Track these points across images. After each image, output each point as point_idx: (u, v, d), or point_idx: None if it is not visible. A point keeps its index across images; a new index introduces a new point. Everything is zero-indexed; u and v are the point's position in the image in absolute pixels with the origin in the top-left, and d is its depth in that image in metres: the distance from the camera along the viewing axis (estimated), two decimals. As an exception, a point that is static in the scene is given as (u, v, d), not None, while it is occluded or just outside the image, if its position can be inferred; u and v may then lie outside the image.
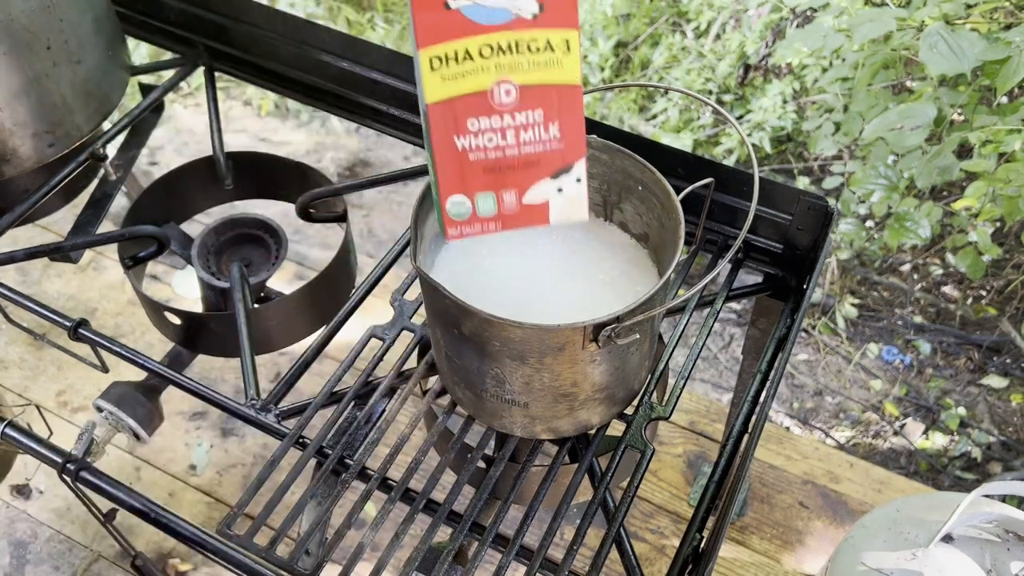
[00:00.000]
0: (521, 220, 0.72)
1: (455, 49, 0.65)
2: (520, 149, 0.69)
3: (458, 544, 0.87)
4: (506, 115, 0.68)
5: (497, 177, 0.70)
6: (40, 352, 1.95)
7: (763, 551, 1.62)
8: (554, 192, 0.72)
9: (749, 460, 0.88)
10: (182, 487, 1.75)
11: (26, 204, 1.24)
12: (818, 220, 1.05)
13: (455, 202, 0.70)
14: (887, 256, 2.43)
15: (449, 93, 0.66)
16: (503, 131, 0.68)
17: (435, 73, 0.66)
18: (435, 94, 0.66)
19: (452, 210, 0.71)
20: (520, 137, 0.69)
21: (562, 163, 0.71)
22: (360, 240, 2.52)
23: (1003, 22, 1.73)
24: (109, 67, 1.25)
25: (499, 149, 0.69)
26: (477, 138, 0.68)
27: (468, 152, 0.68)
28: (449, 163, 0.69)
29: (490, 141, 0.68)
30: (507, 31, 0.65)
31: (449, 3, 0.64)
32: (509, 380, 0.81)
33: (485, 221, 0.72)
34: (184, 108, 2.89)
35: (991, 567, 1.04)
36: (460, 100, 0.67)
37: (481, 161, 0.69)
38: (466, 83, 0.66)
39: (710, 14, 2.80)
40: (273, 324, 1.25)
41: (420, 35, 0.65)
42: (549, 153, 0.70)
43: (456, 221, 0.71)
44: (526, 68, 0.67)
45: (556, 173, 0.71)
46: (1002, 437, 2.06)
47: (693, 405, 1.83)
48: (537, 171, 0.71)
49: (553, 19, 0.66)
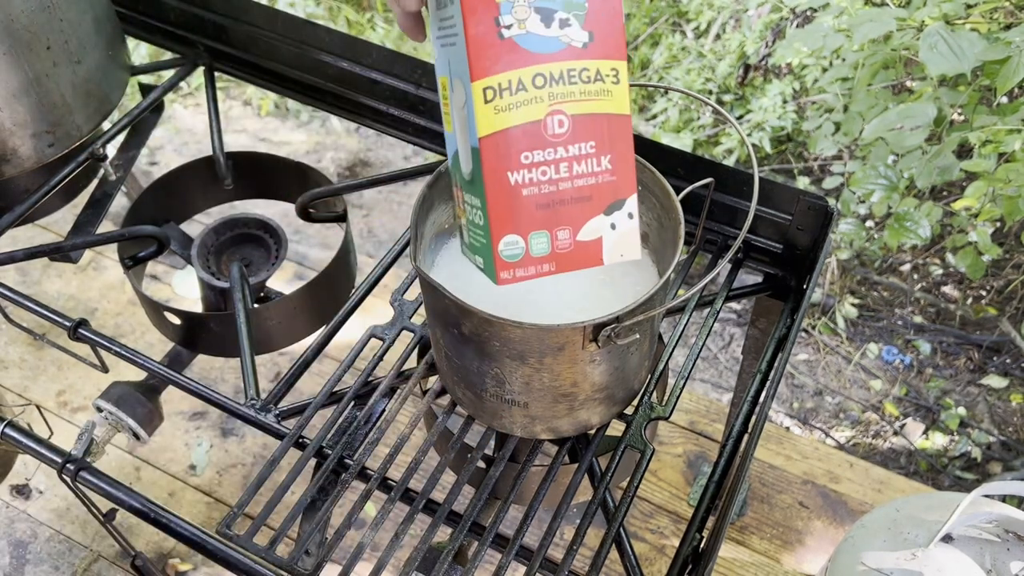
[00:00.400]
0: (576, 260, 0.69)
1: (509, 79, 0.63)
2: (573, 183, 0.67)
3: (458, 544, 0.87)
4: (559, 147, 0.65)
5: (550, 214, 0.67)
6: (40, 352, 1.95)
7: (763, 551, 1.62)
8: (607, 229, 0.69)
9: (749, 460, 0.88)
10: (182, 487, 1.75)
11: (26, 204, 1.24)
12: (818, 220, 1.05)
13: (508, 243, 0.67)
14: (887, 256, 2.43)
15: (501, 125, 0.64)
16: (556, 164, 0.66)
17: (489, 105, 0.63)
18: (488, 126, 0.63)
19: (505, 252, 0.67)
20: (573, 170, 0.66)
21: (614, 197, 0.68)
22: (360, 240, 2.52)
23: (1003, 22, 1.73)
24: (109, 67, 1.25)
25: (552, 183, 0.66)
26: (530, 172, 0.65)
27: (521, 188, 0.65)
28: (502, 200, 0.65)
29: (543, 175, 0.66)
30: (559, 61, 0.64)
31: (503, 33, 0.62)
32: (509, 380, 0.81)
33: (539, 262, 0.68)
34: (184, 108, 2.89)
35: (991, 567, 1.04)
36: (512, 132, 0.64)
37: (534, 197, 0.66)
38: (519, 114, 0.64)
39: (710, 14, 2.80)
40: (273, 324, 1.25)
41: (475, 65, 0.62)
42: (602, 186, 0.68)
43: (509, 263, 0.67)
44: (577, 98, 0.65)
45: (609, 209, 0.68)
46: (1002, 437, 2.06)
47: (693, 405, 1.83)
48: (590, 207, 0.68)
49: (603, 49, 0.65)
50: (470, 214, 0.69)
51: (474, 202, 0.68)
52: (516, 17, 0.62)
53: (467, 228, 0.71)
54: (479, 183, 0.66)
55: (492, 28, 0.62)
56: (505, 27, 0.62)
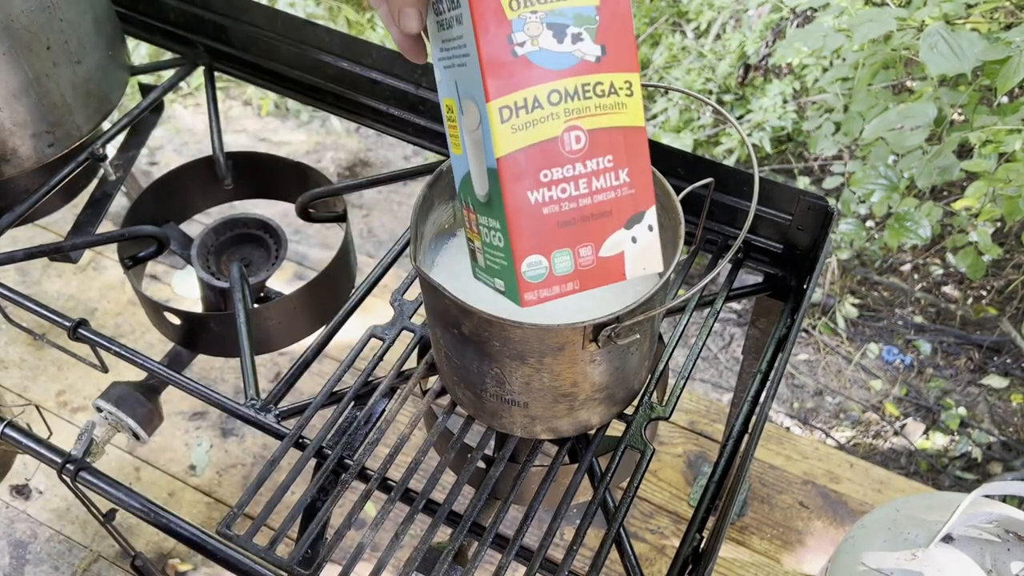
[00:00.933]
0: (599, 276, 0.68)
1: (525, 97, 0.62)
2: (593, 198, 0.66)
3: (458, 544, 0.87)
4: (577, 163, 0.65)
5: (572, 232, 0.66)
6: (40, 352, 1.95)
7: (763, 551, 1.62)
8: (628, 243, 0.69)
9: (749, 460, 0.88)
10: (182, 487, 1.75)
11: (26, 204, 1.24)
12: (818, 220, 1.05)
13: (531, 263, 0.66)
14: (887, 256, 2.43)
15: (519, 144, 0.63)
16: (576, 180, 0.65)
17: (506, 125, 0.62)
18: (506, 146, 0.62)
19: (528, 273, 0.66)
20: (592, 185, 0.66)
21: (634, 210, 0.68)
22: (360, 240, 2.53)
23: (1003, 22, 1.73)
24: (109, 67, 1.25)
25: (572, 200, 0.65)
26: (550, 190, 0.64)
27: (542, 207, 0.64)
28: (524, 221, 0.64)
29: (563, 192, 0.65)
30: (573, 76, 0.63)
31: (516, 51, 0.61)
32: (509, 380, 0.81)
33: (562, 281, 0.67)
34: (184, 108, 2.89)
35: (991, 567, 1.04)
36: (531, 151, 0.63)
37: (555, 215, 0.65)
38: (536, 132, 0.63)
39: (710, 14, 2.80)
40: (273, 324, 1.25)
41: (490, 85, 0.61)
42: (621, 200, 0.67)
43: (532, 284, 0.66)
44: (593, 112, 0.64)
45: (629, 223, 0.68)
46: (1002, 437, 2.06)
47: (693, 405, 1.83)
48: (611, 222, 0.67)
49: (616, 62, 0.64)
50: (486, 236, 0.68)
51: (492, 224, 0.67)
52: (528, 34, 0.61)
53: (483, 251, 0.70)
54: (498, 204, 0.65)
55: (505, 47, 0.61)
56: (518, 44, 0.61)
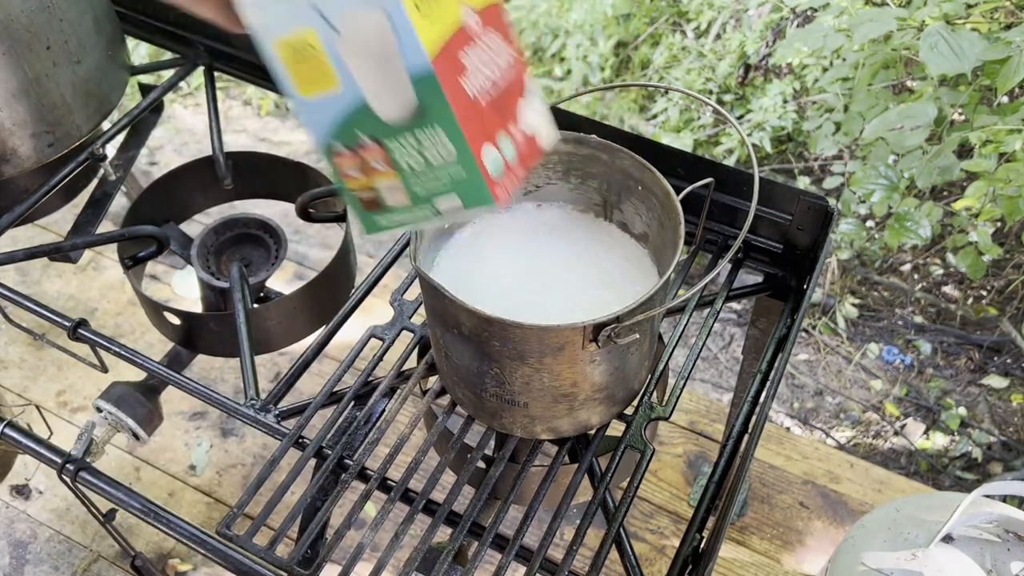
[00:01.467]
0: (532, 154, 0.68)
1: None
2: (502, 75, 0.66)
3: (458, 544, 0.87)
4: (481, 44, 0.64)
5: (501, 114, 0.65)
6: (40, 352, 1.95)
7: (763, 551, 1.62)
8: (532, 115, 0.69)
9: (749, 460, 0.88)
10: (182, 487, 1.75)
11: (26, 204, 1.24)
12: (818, 220, 1.05)
13: (490, 158, 0.64)
14: (887, 256, 2.42)
15: (441, 35, 0.60)
16: (489, 61, 0.64)
17: (420, 15, 0.59)
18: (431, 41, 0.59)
19: (492, 168, 0.64)
20: (496, 62, 0.65)
21: (525, 80, 0.68)
22: (360, 240, 2.52)
23: (1003, 22, 1.73)
24: (109, 67, 1.25)
25: (490, 81, 0.65)
26: (476, 76, 0.63)
27: (478, 95, 0.63)
28: (471, 113, 0.62)
29: (485, 75, 0.64)
30: None
31: None
32: (509, 380, 0.81)
33: (515, 168, 0.67)
34: (184, 108, 2.89)
35: (991, 567, 1.04)
36: (451, 41, 0.61)
37: (489, 102, 0.64)
38: (444, 22, 0.61)
39: (710, 14, 2.80)
40: (273, 324, 1.25)
41: None
42: (518, 71, 0.67)
43: (499, 180, 0.65)
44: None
45: (525, 93, 0.69)
46: (1002, 437, 2.06)
47: (693, 405, 1.83)
48: (517, 96, 0.67)
49: None
50: (414, 159, 0.65)
51: (427, 137, 0.63)
52: None
53: (407, 183, 0.66)
54: (437, 109, 0.61)
55: None
56: None
